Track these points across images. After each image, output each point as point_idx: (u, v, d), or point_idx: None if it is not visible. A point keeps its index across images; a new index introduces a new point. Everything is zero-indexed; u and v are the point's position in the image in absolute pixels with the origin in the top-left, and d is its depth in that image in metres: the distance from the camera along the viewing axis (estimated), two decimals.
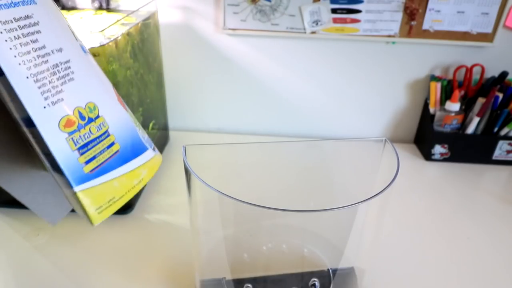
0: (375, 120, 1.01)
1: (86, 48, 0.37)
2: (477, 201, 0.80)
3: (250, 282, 0.53)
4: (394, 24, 0.86)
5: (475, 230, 0.71)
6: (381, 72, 0.94)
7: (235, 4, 0.85)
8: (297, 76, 0.94)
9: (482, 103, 0.87)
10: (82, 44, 0.36)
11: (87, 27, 0.67)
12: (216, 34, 0.89)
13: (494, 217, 0.74)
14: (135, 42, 0.71)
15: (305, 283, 0.53)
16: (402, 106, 0.99)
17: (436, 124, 0.91)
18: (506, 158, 0.91)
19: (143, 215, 0.71)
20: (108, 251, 0.63)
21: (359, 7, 0.85)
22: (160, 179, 0.82)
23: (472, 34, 0.87)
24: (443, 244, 0.68)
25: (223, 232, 0.56)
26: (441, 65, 0.93)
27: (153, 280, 0.58)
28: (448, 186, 0.84)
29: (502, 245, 0.67)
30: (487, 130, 0.89)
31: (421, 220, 0.73)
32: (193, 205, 0.47)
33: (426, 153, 0.94)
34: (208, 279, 0.54)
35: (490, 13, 0.84)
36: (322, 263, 0.57)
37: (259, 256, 0.58)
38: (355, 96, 0.97)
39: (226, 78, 0.95)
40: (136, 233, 0.67)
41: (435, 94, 0.91)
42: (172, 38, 0.90)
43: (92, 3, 0.78)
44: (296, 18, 0.86)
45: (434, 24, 0.86)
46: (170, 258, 0.62)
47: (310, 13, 0.85)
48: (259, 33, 0.88)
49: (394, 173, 0.41)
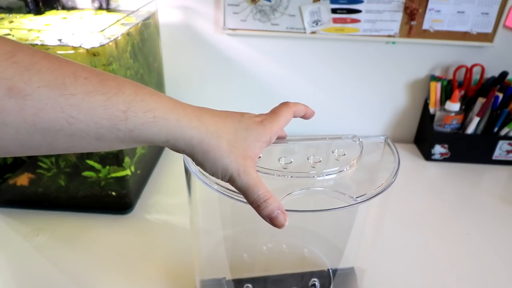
0: (375, 120, 1.01)
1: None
2: (477, 201, 0.80)
3: (250, 282, 0.53)
4: (394, 24, 0.86)
5: (475, 230, 0.71)
6: (381, 72, 0.94)
7: (235, 4, 0.85)
8: (297, 76, 0.94)
9: (482, 103, 0.87)
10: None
11: (87, 27, 0.67)
12: (216, 34, 0.89)
13: (494, 217, 0.74)
14: (135, 42, 0.71)
15: (305, 283, 0.53)
16: (402, 106, 0.99)
17: (436, 124, 0.91)
18: (506, 158, 0.91)
19: (143, 215, 0.71)
20: (108, 251, 0.63)
21: (359, 7, 0.85)
22: (160, 179, 0.82)
23: (472, 34, 0.87)
24: (443, 244, 0.68)
25: (223, 232, 0.56)
26: (441, 65, 0.93)
27: (153, 280, 0.58)
28: (448, 186, 0.84)
29: (502, 245, 0.67)
30: (487, 130, 0.89)
31: (421, 220, 0.73)
32: (193, 205, 0.47)
33: (426, 153, 0.94)
34: (208, 279, 0.54)
35: (490, 13, 0.84)
36: (322, 263, 0.57)
37: (259, 256, 0.58)
38: (355, 96, 0.97)
39: (226, 77, 0.95)
40: (136, 233, 0.67)
41: (435, 94, 0.91)
42: (172, 38, 0.90)
43: (92, 3, 0.78)
44: (296, 18, 0.86)
45: (434, 24, 0.86)
46: (170, 258, 0.62)
47: (310, 13, 0.85)
48: (259, 33, 0.88)
49: (395, 173, 0.41)
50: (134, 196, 0.73)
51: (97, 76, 0.26)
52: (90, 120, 0.25)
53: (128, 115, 0.27)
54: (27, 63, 0.23)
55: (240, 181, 0.32)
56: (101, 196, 0.69)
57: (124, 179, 0.68)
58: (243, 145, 0.33)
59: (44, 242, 0.64)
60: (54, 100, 0.24)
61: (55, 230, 0.67)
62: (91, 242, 0.65)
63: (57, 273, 0.59)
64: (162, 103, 0.29)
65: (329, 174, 0.40)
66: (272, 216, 0.32)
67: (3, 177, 0.69)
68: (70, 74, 0.25)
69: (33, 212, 0.70)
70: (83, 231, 0.67)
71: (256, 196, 0.32)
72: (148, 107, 0.28)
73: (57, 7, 0.77)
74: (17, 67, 0.23)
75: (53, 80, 0.24)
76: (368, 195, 0.38)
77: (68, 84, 0.24)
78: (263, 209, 0.32)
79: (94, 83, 0.26)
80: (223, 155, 0.31)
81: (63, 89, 0.24)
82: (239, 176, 0.32)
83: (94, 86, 0.25)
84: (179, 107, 0.30)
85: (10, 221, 0.68)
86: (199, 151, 0.31)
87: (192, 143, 0.30)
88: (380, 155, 0.47)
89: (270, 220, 0.33)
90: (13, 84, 0.22)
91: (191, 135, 0.30)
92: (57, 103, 0.24)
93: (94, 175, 0.67)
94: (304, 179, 0.40)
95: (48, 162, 0.66)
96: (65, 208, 0.71)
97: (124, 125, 0.27)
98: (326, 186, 0.40)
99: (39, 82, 0.23)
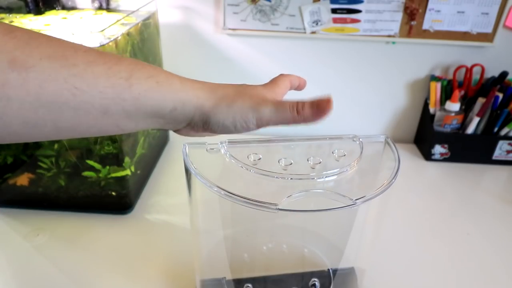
0: (375, 120, 1.01)
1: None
2: (477, 201, 0.80)
3: (250, 282, 0.53)
4: (394, 24, 0.86)
5: (475, 230, 0.71)
6: (381, 72, 0.94)
7: (235, 4, 0.85)
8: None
9: (482, 103, 0.87)
10: None
11: (87, 27, 0.67)
12: (216, 34, 0.89)
13: (494, 217, 0.74)
14: (135, 42, 0.71)
15: (305, 283, 0.53)
16: (402, 106, 0.99)
17: (436, 124, 0.91)
18: (506, 158, 0.91)
19: (143, 215, 0.71)
20: (108, 251, 0.63)
21: (359, 7, 0.85)
22: (160, 178, 0.82)
23: (472, 34, 0.87)
24: (443, 244, 0.68)
25: (223, 231, 0.56)
26: (441, 65, 0.93)
27: (153, 280, 0.58)
28: (448, 186, 0.84)
29: (502, 245, 0.67)
30: (487, 130, 0.89)
31: (421, 220, 0.73)
32: (194, 205, 0.47)
33: (426, 153, 0.94)
34: (208, 279, 0.54)
35: (490, 13, 0.84)
36: (323, 263, 0.57)
37: (260, 256, 0.58)
38: (355, 96, 0.97)
39: (226, 78, 0.95)
40: (136, 233, 0.67)
41: (435, 94, 0.91)
42: (172, 38, 0.90)
43: (92, 3, 0.78)
44: (296, 18, 0.86)
45: (434, 24, 0.86)
46: (170, 258, 0.62)
47: (310, 13, 0.85)
48: (259, 33, 0.88)
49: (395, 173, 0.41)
50: (134, 196, 0.73)
51: (96, 51, 0.27)
52: (94, 90, 0.25)
53: (132, 82, 0.27)
54: (27, 38, 0.23)
55: (262, 111, 0.30)
56: (101, 196, 0.69)
57: (124, 179, 0.68)
58: (249, 90, 0.32)
59: (44, 242, 0.64)
60: (57, 71, 0.24)
61: (55, 230, 0.67)
62: (91, 242, 0.65)
63: (57, 273, 0.59)
64: (161, 71, 0.29)
65: (329, 176, 0.40)
66: (315, 110, 0.31)
67: (3, 177, 0.69)
68: (69, 47, 0.25)
69: (33, 212, 0.70)
70: (83, 231, 0.67)
71: (289, 108, 0.30)
72: (150, 73, 0.28)
73: (57, 7, 0.77)
74: (17, 41, 0.23)
75: (53, 53, 0.24)
76: (368, 196, 0.38)
77: (69, 56, 0.25)
78: (304, 110, 0.31)
79: (94, 55, 0.26)
80: (234, 100, 0.30)
81: (65, 60, 0.24)
82: (259, 108, 0.30)
83: (94, 57, 0.26)
84: (177, 75, 0.30)
85: (10, 221, 0.68)
86: (208, 109, 0.30)
87: (200, 102, 0.29)
88: (380, 155, 0.47)
89: (318, 112, 0.31)
90: (15, 57, 0.22)
91: (197, 95, 0.29)
92: (60, 74, 0.24)
93: (94, 175, 0.67)
94: (304, 181, 0.40)
95: (48, 162, 0.66)
96: (65, 208, 0.71)
97: (128, 93, 0.26)
98: (326, 187, 0.40)
99: (40, 54, 0.23)
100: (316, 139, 0.44)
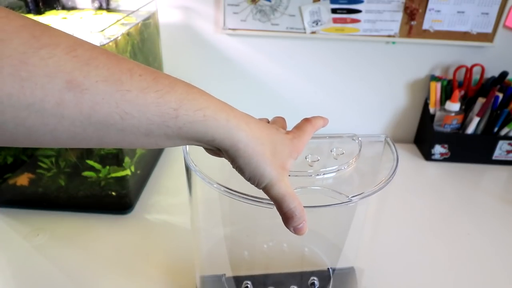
0: (375, 120, 1.01)
1: None
2: (477, 201, 0.79)
3: (250, 280, 0.53)
4: (394, 24, 0.86)
5: (475, 230, 0.71)
6: (381, 72, 0.94)
7: (235, 4, 0.85)
8: (297, 76, 0.94)
9: (482, 103, 0.87)
10: None
11: (87, 27, 0.67)
12: (216, 34, 0.89)
13: (494, 217, 0.74)
14: (135, 42, 0.71)
15: (304, 282, 0.53)
16: (402, 106, 0.99)
17: (436, 124, 0.91)
18: (506, 158, 0.91)
19: (143, 215, 0.71)
20: (108, 251, 0.63)
21: (359, 7, 0.85)
22: (160, 178, 0.82)
23: (472, 34, 0.87)
24: (443, 244, 0.67)
25: (223, 230, 0.56)
26: (441, 65, 0.93)
27: (153, 280, 0.58)
28: (448, 186, 0.84)
29: (502, 245, 0.67)
30: (487, 130, 0.89)
31: (421, 220, 0.73)
32: (194, 203, 0.47)
33: (426, 153, 0.94)
34: (208, 275, 0.54)
35: (490, 13, 0.84)
36: (322, 262, 0.57)
37: (260, 254, 0.58)
38: (355, 96, 0.97)
39: (226, 78, 0.95)
40: (136, 233, 0.67)
41: (435, 94, 0.91)
42: (172, 38, 0.90)
43: (92, 3, 0.78)
44: (296, 18, 0.86)
45: (434, 24, 0.86)
46: (170, 258, 0.62)
47: (310, 13, 0.85)
48: (259, 33, 0.88)
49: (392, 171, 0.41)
50: (134, 196, 0.73)
51: (151, 74, 0.27)
52: (142, 116, 0.26)
53: (179, 113, 0.27)
54: (87, 58, 0.24)
55: (277, 189, 0.32)
56: (101, 196, 0.69)
57: (124, 179, 0.68)
58: (281, 158, 0.33)
59: (44, 242, 0.64)
60: (110, 95, 0.24)
61: (55, 230, 0.67)
62: (91, 242, 0.65)
63: (57, 273, 0.59)
64: (212, 103, 0.29)
65: (327, 173, 0.40)
66: (299, 227, 0.33)
67: (3, 177, 0.69)
68: (126, 70, 0.25)
69: (33, 212, 0.70)
70: (83, 231, 0.67)
71: (292, 206, 0.32)
72: (199, 106, 0.28)
73: (57, 7, 0.77)
74: (77, 61, 0.23)
75: (110, 76, 0.24)
76: (365, 193, 0.38)
77: (124, 80, 0.25)
78: (294, 221, 0.33)
79: (149, 80, 0.26)
80: (266, 161, 0.32)
81: (120, 85, 0.25)
82: (277, 185, 0.32)
83: (148, 84, 0.26)
84: (228, 109, 0.30)
85: (10, 221, 0.68)
86: (242, 154, 0.31)
87: (238, 145, 0.30)
88: (380, 154, 0.47)
89: (295, 230, 0.33)
90: (72, 78, 0.23)
91: (238, 138, 0.30)
92: (113, 98, 0.24)
93: (94, 175, 0.67)
94: (302, 178, 0.40)
95: (48, 162, 0.66)
96: (65, 208, 0.71)
97: (174, 123, 0.27)
98: (325, 185, 0.40)
99: (97, 77, 0.24)
100: (315, 138, 0.45)
